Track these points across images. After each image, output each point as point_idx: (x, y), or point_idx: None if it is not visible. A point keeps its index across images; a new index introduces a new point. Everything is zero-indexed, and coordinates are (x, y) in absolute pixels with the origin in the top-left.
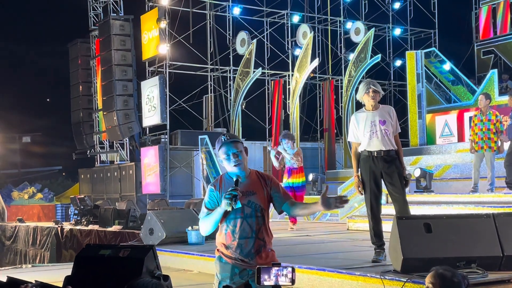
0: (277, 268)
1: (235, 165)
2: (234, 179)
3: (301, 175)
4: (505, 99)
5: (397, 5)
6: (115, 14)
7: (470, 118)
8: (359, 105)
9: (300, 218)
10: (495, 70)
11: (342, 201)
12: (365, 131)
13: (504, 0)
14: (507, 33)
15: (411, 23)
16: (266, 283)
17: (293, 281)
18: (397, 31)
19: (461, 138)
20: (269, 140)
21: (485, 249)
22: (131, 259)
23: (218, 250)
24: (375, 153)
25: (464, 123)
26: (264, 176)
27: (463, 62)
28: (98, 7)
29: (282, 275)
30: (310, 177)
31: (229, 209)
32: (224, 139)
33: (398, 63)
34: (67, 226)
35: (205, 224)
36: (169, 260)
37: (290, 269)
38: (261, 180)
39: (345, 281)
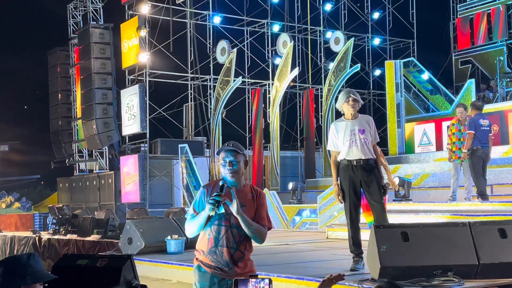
0: (254, 280)
1: (228, 173)
2: (220, 184)
3: None
4: (483, 108)
5: (376, 15)
6: (95, 22)
7: (448, 127)
8: (339, 114)
9: (279, 226)
10: (473, 80)
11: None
12: (344, 140)
13: (481, 11)
14: (484, 43)
15: (390, 33)
16: None
17: None
18: (376, 41)
19: (439, 147)
20: (249, 149)
21: (461, 257)
22: (108, 269)
23: (197, 258)
24: (355, 162)
25: (442, 132)
26: (257, 192)
27: (441, 72)
28: (78, 15)
29: (260, 287)
30: (290, 185)
31: (212, 214)
32: (226, 145)
33: (377, 72)
34: (45, 235)
35: (190, 227)
36: (148, 270)
37: (267, 281)
38: (254, 195)
39: None
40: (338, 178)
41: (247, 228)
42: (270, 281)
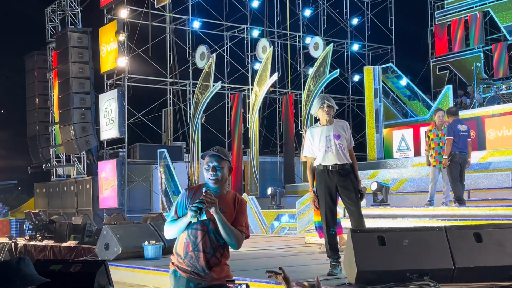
0: (231, 285)
1: (210, 178)
2: (203, 190)
3: None
4: (460, 114)
5: (355, 21)
6: (73, 27)
7: (425, 133)
8: (317, 119)
9: (258, 231)
10: (450, 86)
11: None
12: (320, 146)
13: (458, 18)
14: (461, 49)
15: (368, 39)
16: None
17: None
18: (355, 47)
19: (417, 152)
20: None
21: (437, 261)
22: (82, 274)
23: (173, 263)
24: (330, 167)
25: (420, 137)
26: (239, 200)
27: (419, 78)
28: (56, 19)
29: None
30: (269, 190)
31: (194, 220)
32: (212, 149)
33: (356, 78)
34: (21, 241)
35: (170, 230)
36: (125, 276)
37: (244, 286)
38: (235, 202)
39: None
40: (314, 184)
41: (223, 230)
42: (247, 286)
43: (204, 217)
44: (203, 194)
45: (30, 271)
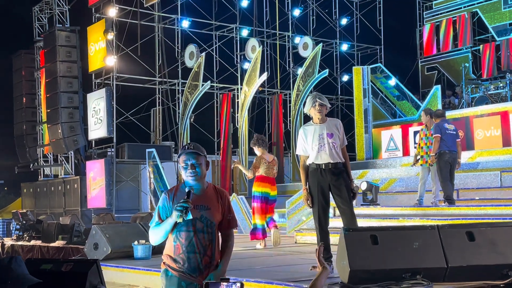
0: (226, 283)
1: (190, 176)
2: (187, 190)
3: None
4: (448, 114)
5: (344, 21)
6: (61, 25)
7: (416, 132)
8: (307, 119)
9: (248, 231)
10: (439, 86)
11: None
12: (313, 144)
13: (447, 18)
14: (449, 50)
15: (357, 39)
16: None
17: None
18: (344, 47)
19: (406, 152)
20: (217, 154)
21: (430, 260)
22: (74, 274)
23: (164, 263)
24: (323, 166)
25: (409, 137)
26: (221, 192)
27: (408, 78)
28: (44, 18)
29: None
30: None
31: (180, 221)
32: (187, 147)
33: (345, 78)
34: (8, 241)
35: (155, 234)
36: (114, 276)
37: (239, 284)
38: (218, 196)
39: None
40: (307, 182)
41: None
42: (242, 285)
43: (190, 217)
44: (186, 193)
45: (22, 271)
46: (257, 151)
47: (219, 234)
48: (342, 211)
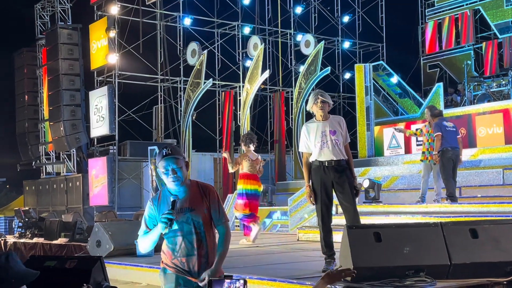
0: (229, 280)
1: (172, 181)
2: (171, 200)
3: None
4: (451, 111)
5: (346, 19)
6: (63, 23)
7: (418, 129)
8: (309, 117)
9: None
10: (441, 84)
11: None
12: (316, 142)
13: (449, 16)
14: (452, 47)
15: (359, 37)
16: None
17: None
18: (346, 44)
19: (408, 150)
20: (219, 151)
21: (433, 257)
22: (78, 271)
23: (162, 261)
24: (326, 163)
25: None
26: (204, 189)
27: (410, 75)
28: (45, 16)
29: (235, 287)
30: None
31: (166, 231)
32: (164, 152)
33: (347, 75)
34: (10, 239)
35: (143, 243)
36: (117, 273)
37: (242, 281)
38: (201, 193)
39: None
40: (310, 179)
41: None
42: (245, 282)
43: (175, 227)
44: (171, 203)
45: (20, 266)
46: (243, 148)
47: (213, 236)
48: (345, 208)
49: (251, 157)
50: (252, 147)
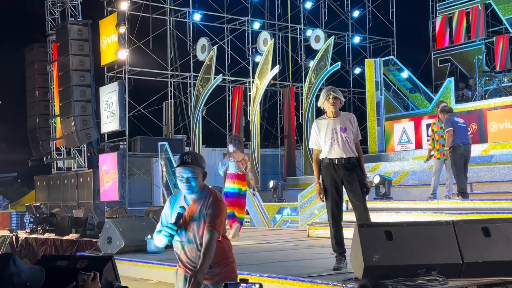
0: (245, 284)
1: (184, 190)
2: (178, 213)
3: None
4: (462, 106)
5: (356, 14)
6: (73, 19)
7: (428, 125)
8: (319, 112)
9: (260, 224)
10: (452, 79)
11: None
12: (326, 139)
13: (460, 10)
14: (463, 42)
15: (370, 32)
16: None
17: None
18: (356, 39)
19: (418, 145)
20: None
21: (445, 256)
22: (89, 270)
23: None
24: (336, 161)
25: (421, 130)
26: (210, 201)
27: (421, 70)
28: (56, 11)
29: None
30: (271, 184)
31: (168, 243)
32: (184, 159)
33: (358, 70)
34: (22, 234)
35: (156, 240)
36: (128, 270)
37: (257, 285)
38: (207, 205)
39: None
40: (320, 176)
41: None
42: (261, 286)
43: (178, 239)
44: (176, 216)
45: (26, 267)
46: (230, 148)
47: (220, 241)
48: (355, 206)
49: (236, 158)
50: (231, 148)
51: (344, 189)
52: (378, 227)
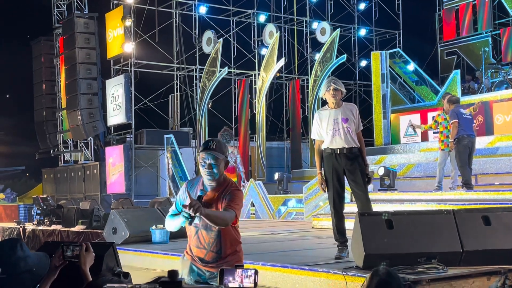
0: (240, 270)
1: (206, 175)
2: (198, 195)
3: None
4: (468, 99)
5: (362, 6)
6: (80, 12)
7: (433, 117)
8: (325, 105)
9: (265, 216)
10: (458, 71)
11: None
12: (328, 129)
13: (466, 2)
14: (469, 34)
15: (376, 24)
16: (230, 284)
17: (255, 284)
18: (362, 32)
19: (424, 138)
20: (235, 139)
21: (445, 244)
22: None
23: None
24: (338, 151)
25: (427, 123)
26: (229, 189)
27: (427, 63)
28: (62, 5)
29: (246, 276)
30: (276, 176)
31: (187, 224)
32: (208, 145)
33: (363, 63)
34: (29, 226)
35: (169, 224)
36: (133, 260)
37: (253, 270)
38: (225, 193)
39: (308, 277)
40: (322, 167)
41: (211, 222)
42: (256, 272)
43: (197, 221)
44: (197, 197)
45: (31, 252)
46: None
47: (233, 229)
48: (356, 195)
49: None
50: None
51: (346, 179)
52: (379, 215)
